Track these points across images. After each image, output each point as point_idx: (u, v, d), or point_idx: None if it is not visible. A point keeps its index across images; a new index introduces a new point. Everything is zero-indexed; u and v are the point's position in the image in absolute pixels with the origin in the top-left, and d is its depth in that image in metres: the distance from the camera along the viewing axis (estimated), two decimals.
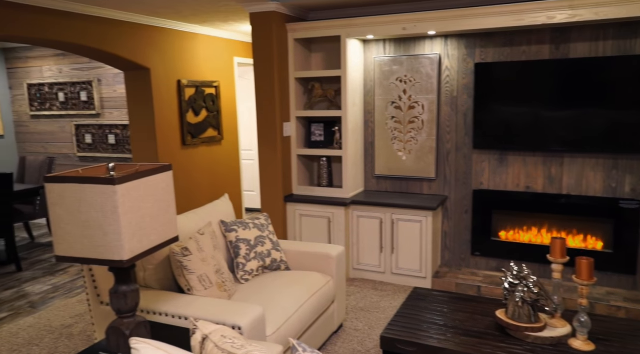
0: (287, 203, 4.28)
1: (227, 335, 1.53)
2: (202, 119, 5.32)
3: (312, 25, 4.04)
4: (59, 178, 1.60)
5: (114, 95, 5.72)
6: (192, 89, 5.14)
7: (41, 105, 6.17)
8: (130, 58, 4.37)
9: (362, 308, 3.60)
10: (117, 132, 5.76)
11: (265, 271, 3.10)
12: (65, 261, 1.65)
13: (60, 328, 3.39)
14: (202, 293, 2.54)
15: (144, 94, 4.67)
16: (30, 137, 6.36)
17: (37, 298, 3.96)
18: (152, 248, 1.70)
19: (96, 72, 5.76)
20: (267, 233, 3.18)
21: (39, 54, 6.08)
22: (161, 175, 1.75)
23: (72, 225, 1.60)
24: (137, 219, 1.62)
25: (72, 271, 4.58)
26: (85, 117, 5.94)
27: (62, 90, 5.99)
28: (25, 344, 3.16)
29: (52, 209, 1.62)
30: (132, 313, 1.74)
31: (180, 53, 4.96)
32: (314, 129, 4.40)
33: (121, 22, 4.26)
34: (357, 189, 4.35)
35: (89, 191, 1.56)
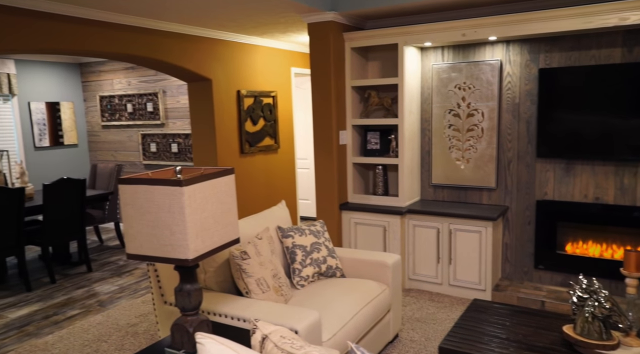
0: (342, 211, 4.29)
1: (286, 336, 1.55)
2: (260, 128, 5.45)
3: (369, 34, 4.06)
4: (131, 180, 1.69)
5: (177, 105, 5.99)
6: (251, 98, 5.29)
7: (111, 115, 6.57)
8: (194, 69, 4.57)
9: (418, 318, 3.53)
10: (180, 141, 6.02)
11: (320, 278, 3.12)
12: (135, 259, 1.73)
13: (126, 326, 3.56)
14: (260, 296, 2.59)
15: (205, 104, 4.86)
16: (101, 146, 6.77)
17: (106, 297, 4.19)
18: (214, 249, 1.75)
19: (161, 84, 6.07)
20: (323, 240, 3.19)
21: (110, 67, 6.48)
22: (224, 178, 1.81)
23: (142, 224, 1.69)
24: (201, 219, 1.68)
25: (137, 273, 4.80)
26: (150, 127, 6.26)
27: (130, 101, 6.35)
28: (95, 340, 3.34)
29: (124, 209, 1.72)
30: (195, 311, 1.80)
31: (240, 64, 5.13)
32: (370, 137, 4.39)
33: (186, 35, 4.47)
34: (413, 197, 4.28)
35: (158, 192, 1.64)
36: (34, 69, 6.22)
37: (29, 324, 3.67)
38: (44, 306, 4.03)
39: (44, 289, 4.42)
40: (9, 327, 3.63)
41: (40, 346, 3.28)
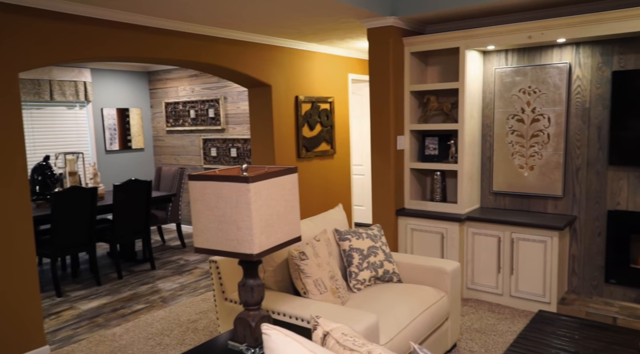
0: (399, 217, 4.24)
1: (347, 333, 1.55)
2: (317, 133, 5.51)
3: (429, 38, 4.02)
4: (201, 176, 1.76)
5: (237, 111, 6.17)
6: (308, 104, 5.37)
7: (175, 121, 6.87)
8: (255, 76, 4.70)
9: (477, 329, 3.41)
10: (239, 146, 6.19)
11: (377, 282, 3.09)
12: (202, 253, 1.80)
13: (187, 322, 3.69)
14: (317, 297, 2.61)
15: (264, 109, 4.99)
16: (165, 150, 7.10)
17: (168, 294, 4.36)
18: (278, 245, 1.79)
19: (223, 90, 6.28)
20: (380, 244, 3.17)
21: (176, 75, 6.80)
22: (288, 176, 1.85)
23: (210, 219, 1.75)
24: (266, 216, 1.73)
25: (196, 273, 4.97)
26: (211, 132, 6.49)
27: (193, 107, 6.62)
28: (158, 334, 3.49)
29: (194, 204, 1.80)
30: (257, 306, 1.84)
31: (299, 70, 5.22)
32: (428, 143, 4.33)
33: (248, 43, 4.61)
34: (472, 205, 4.17)
35: (226, 188, 1.70)
36: (107, 77, 6.63)
37: (98, 315, 3.89)
38: (112, 299, 4.25)
39: (112, 284, 4.67)
40: (81, 317, 3.86)
41: (109, 337, 3.46)
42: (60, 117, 6.14)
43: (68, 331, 3.60)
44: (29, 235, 3.12)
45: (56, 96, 5.97)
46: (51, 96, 5.93)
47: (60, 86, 6.00)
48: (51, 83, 5.93)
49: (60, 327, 3.69)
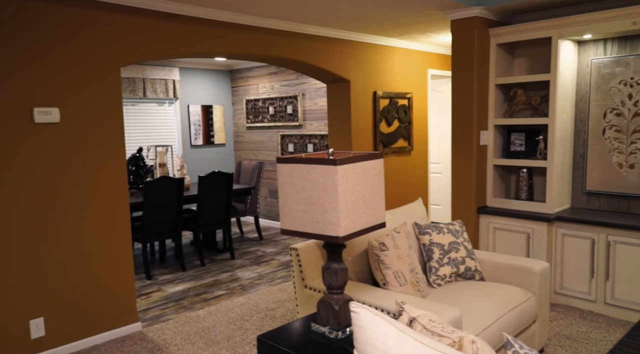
0: (480, 215, 4.08)
1: (435, 320, 1.51)
2: (394, 129, 5.45)
3: (518, 28, 3.83)
4: (289, 159, 1.80)
5: (315, 107, 6.26)
6: (386, 100, 5.32)
7: (255, 117, 7.10)
8: (334, 71, 4.74)
9: (567, 335, 3.19)
10: (315, 142, 6.27)
11: (457, 279, 2.99)
12: (288, 234, 1.84)
13: (265, 309, 3.79)
14: (397, 289, 2.57)
15: (343, 105, 5.01)
16: (245, 146, 7.36)
17: (247, 282, 4.51)
18: (363, 229, 1.79)
19: (301, 87, 6.40)
20: (462, 240, 3.07)
21: (256, 73, 7.03)
22: (373, 161, 1.84)
23: (297, 201, 1.79)
24: (352, 199, 1.73)
25: (273, 264, 5.10)
26: (289, 128, 6.63)
27: (272, 104, 6.80)
28: (239, 319, 3.62)
29: (281, 186, 1.84)
30: (341, 289, 1.85)
31: (377, 65, 5.19)
32: (514, 138, 4.12)
33: (328, 38, 4.66)
34: (562, 204, 3.91)
35: (314, 170, 1.72)
36: (194, 75, 7.00)
37: (183, 298, 4.11)
38: (195, 284, 4.47)
39: (195, 271, 4.92)
40: (168, 299, 4.10)
41: (193, 318, 3.65)
42: (151, 113, 6.58)
43: (157, 311, 3.84)
44: (126, 221, 3.37)
45: (148, 93, 6.40)
46: (144, 93, 6.37)
47: (152, 84, 6.42)
48: (144, 81, 6.36)
49: (150, 307, 3.94)
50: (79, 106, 3.11)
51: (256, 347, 3.15)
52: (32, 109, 2.92)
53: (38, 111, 2.93)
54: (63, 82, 3.04)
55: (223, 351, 3.11)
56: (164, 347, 3.19)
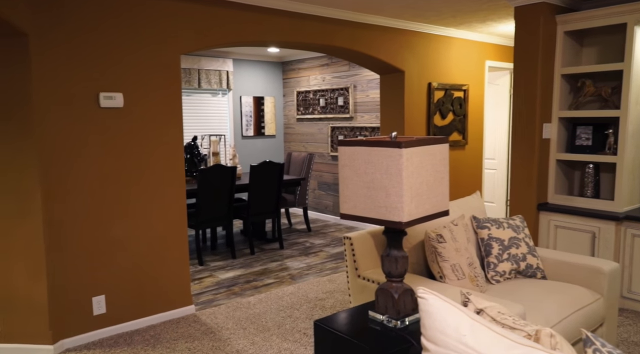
0: (541, 212, 3.89)
1: (504, 312, 1.43)
2: (448, 122, 5.29)
3: (588, 14, 3.60)
4: (351, 142, 1.76)
5: (366, 99, 6.18)
6: (441, 91, 5.17)
7: (305, 109, 7.11)
8: (389, 61, 4.65)
9: (636, 342, 2.99)
10: (366, 134, 6.20)
11: (517, 276, 2.86)
12: (348, 219, 1.80)
13: (314, 299, 3.78)
14: (455, 282, 2.48)
15: (396, 96, 4.91)
16: (295, 138, 7.38)
17: (295, 272, 4.52)
18: (426, 216, 1.72)
19: (353, 79, 6.34)
20: (523, 236, 2.92)
21: (307, 65, 7.02)
22: (439, 146, 1.76)
23: (358, 185, 1.74)
24: (416, 184, 1.67)
25: (322, 255, 5.09)
26: (339, 120, 6.59)
27: (323, 96, 6.78)
28: (288, 307, 3.63)
29: (342, 170, 1.80)
30: (400, 278, 1.79)
31: (433, 56, 5.05)
32: (580, 132, 3.90)
33: (383, 27, 4.57)
34: (633, 203, 3.66)
35: (377, 153, 1.67)
36: (247, 67, 7.09)
37: (234, 285, 4.17)
38: (245, 272, 4.53)
39: (245, 259, 4.98)
40: (219, 285, 4.17)
41: (244, 304, 3.69)
42: (205, 103, 6.72)
43: (209, 296, 3.91)
44: (182, 206, 3.44)
45: (203, 84, 6.53)
46: (199, 83, 6.51)
47: (206, 75, 6.55)
48: (199, 72, 6.50)
49: (202, 291, 4.02)
50: (141, 92, 3.20)
51: (307, 334, 3.14)
52: (98, 93, 3.03)
53: (103, 96, 3.03)
54: (127, 68, 3.13)
55: (274, 337, 3.13)
56: (217, 330, 3.24)
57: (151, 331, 3.24)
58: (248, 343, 3.06)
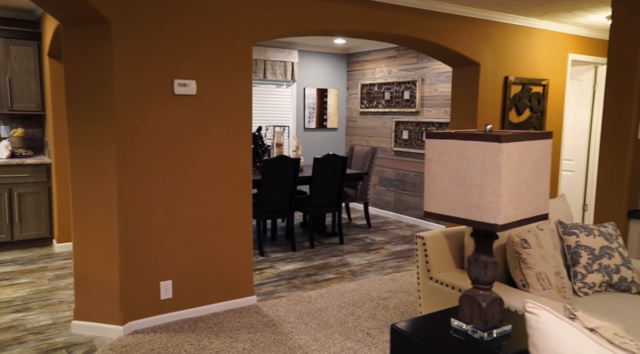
0: (632, 219, 3.53)
1: (623, 335, 1.24)
2: (524, 119, 4.97)
3: None
4: (440, 134, 1.62)
5: (435, 93, 5.93)
6: (519, 86, 4.85)
7: (369, 103, 6.95)
8: (463, 52, 4.40)
9: None
10: (432, 129, 5.95)
11: (608, 289, 2.59)
12: (433, 218, 1.66)
13: (377, 298, 3.66)
14: (540, 292, 2.27)
15: (469, 90, 4.65)
16: (357, 131, 7.25)
17: (356, 268, 4.41)
18: (524, 219, 1.55)
19: (421, 72, 6.11)
20: (616, 245, 2.65)
21: (373, 57, 6.86)
22: (542, 142, 1.58)
23: (447, 182, 1.60)
24: (515, 183, 1.50)
25: (383, 253, 4.94)
26: (405, 115, 6.38)
27: (389, 89, 6.59)
28: (350, 304, 3.53)
29: (429, 164, 1.66)
30: (489, 285, 1.64)
31: (511, 48, 4.74)
32: None
33: (459, 17, 4.33)
34: None
35: (471, 147, 1.52)
36: (311, 58, 7.02)
37: (295, 278, 4.12)
38: (305, 265, 4.48)
39: (305, 252, 4.93)
40: (280, 277, 4.14)
41: (305, 298, 3.63)
42: (269, 94, 6.73)
43: (270, 287, 3.89)
44: (248, 195, 3.42)
45: (268, 75, 6.54)
46: (264, 74, 6.51)
47: (272, 66, 6.55)
48: (265, 63, 6.51)
49: (263, 282, 4.00)
50: (213, 79, 3.19)
51: (370, 334, 3.03)
52: (173, 80, 3.04)
53: (178, 83, 3.04)
54: (200, 56, 3.12)
55: (336, 335, 3.04)
56: (278, 323, 3.19)
57: (214, 319, 3.24)
58: (310, 338, 2.99)
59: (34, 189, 4.78)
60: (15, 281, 3.92)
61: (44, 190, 4.83)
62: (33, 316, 3.26)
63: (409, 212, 6.41)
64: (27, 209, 4.77)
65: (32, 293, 3.67)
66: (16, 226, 4.74)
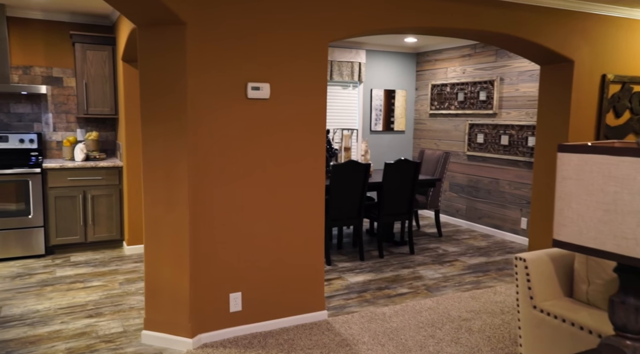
0: None
1: None
2: (624, 121, 4.44)
3: None
4: (579, 147, 1.32)
5: (515, 94, 5.49)
6: (618, 85, 4.34)
7: (440, 104, 6.58)
8: (554, 48, 3.98)
9: None
10: (512, 133, 5.52)
11: None
12: (566, 248, 1.37)
13: (457, 319, 3.35)
14: None
15: (560, 90, 4.21)
16: (426, 134, 6.90)
17: (431, 282, 4.11)
18: None
19: (499, 71, 5.68)
20: None
21: (446, 56, 6.48)
22: None
23: (589, 206, 1.30)
24: None
25: (458, 266, 4.60)
26: (480, 117, 5.97)
27: (462, 90, 6.19)
28: (429, 325, 3.24)
29: (562, 183, 1.37)
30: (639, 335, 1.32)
31: (610, 43, 4.24)
32: None
33: (548, 9, 3.91)
34: None
35: (626, 166, 1.22)
36: (379, 58, 6.75)
37: (365, 291, 3.88)
38: (375, 277, 4.23)
39: (374, 262, 4.68)
40: (350, 289, 3.92)
41: (379, 315, 3.38)
42: (336, 96, 6.53)
43: (340, 300, 3.67)
44: (320, 202, 3.22)
45: (335, 76, 6.34)
46: (331, 75, 6.32)
47: (339, 67, 6.35)
48: (332, 64, 6.31)
49: (333, 295, 3.79)
50: (287, 82, 3.02)
51: None
52: (246, 83, 2.90)
53: (251, 86, 2.89)
54: (274, 57, 2.96)
55: None
56: (352, 343, 2.97)
57: (284, 335, 3.07)
58: None
59: (106, 191, 4.85)
60: (88, 283, 3.95)
61: (115, 192, 4.89)
62: (104, 322, 3.24)
63: (482, 221, 5.99)
64: (99, 211, 4.85)
65: (104, 297, 3.67)
66: (89, 227, 4.83)
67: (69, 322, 3.22)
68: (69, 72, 5.15)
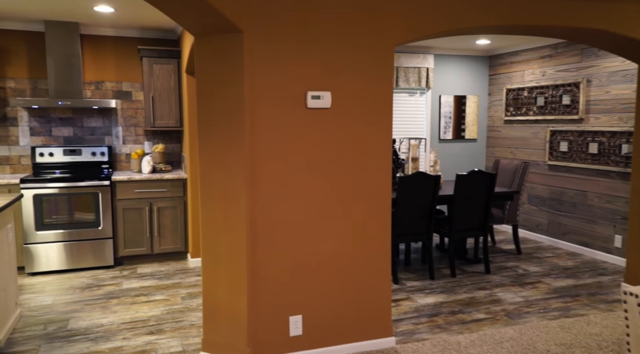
0: None
1: None
2: None
3: None
4: None
5: (605, 97, 4.92)
6: None
7: (516, 110, 6.09)
8: None
9: None
10: (602, 140, 4.94)
11: None
12: None
13: (545, 352, 2.94)
14: None
15: None
16: (500, 142, 6.41)
17: (511, 308, 3.70)
18: None
19: (586, 72, 5.13)
20: None
21: (523, 58, 5.99)
22: None
23: None
24: None
25: (542, 289, 4.13)
26: (563, 123, 5.43)
27: (542, 94, 5.68)
28: None
29: None
30: None
31: None
32: None
33: None
34: None
35: None
36: (448, 62, 6.38)
37: (436, 315, 3.55)
38: (447, 299, 3.88)
39: (445, 281, 4.32)
40: (419, 312, 3.60)
41: (454, 345, 3.04)
42: (402, 103, 6.23)
43: (408, 325, 3.37)
44: (387, 218, 2.96)
45: (401, 83, 6.05)
46: (396, 82, 6.05)
47: (405, 73, 6.06)
48: (397, 70, 6.03)
49: (400, 318, 3.50)
50: (349, 90, 2.81)
51: None
52: (306, 92, 2.72)
53: (311, 95, 2.71)
54: (335, 65, 2.76)
55: None
56: None
57: None
58: None
59: (171, 203, 4.88)
60: (151, 297, 3.94)
61: (180, 204, 4.91)
62: (164, 340, 3.16)
63: (567, 237, 5.41)
64: (165, 223, 4.88)
65: (166, 312, 3.62)
66: (155, 239, 4.87)
67: (131, 338, 3.18)
68: (137, 86, 5.27)
